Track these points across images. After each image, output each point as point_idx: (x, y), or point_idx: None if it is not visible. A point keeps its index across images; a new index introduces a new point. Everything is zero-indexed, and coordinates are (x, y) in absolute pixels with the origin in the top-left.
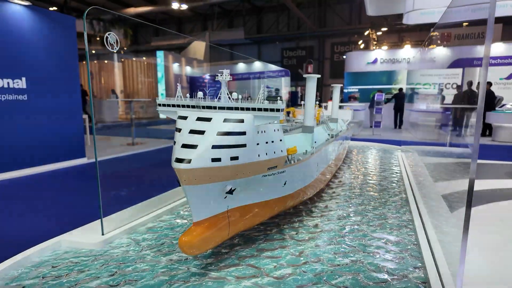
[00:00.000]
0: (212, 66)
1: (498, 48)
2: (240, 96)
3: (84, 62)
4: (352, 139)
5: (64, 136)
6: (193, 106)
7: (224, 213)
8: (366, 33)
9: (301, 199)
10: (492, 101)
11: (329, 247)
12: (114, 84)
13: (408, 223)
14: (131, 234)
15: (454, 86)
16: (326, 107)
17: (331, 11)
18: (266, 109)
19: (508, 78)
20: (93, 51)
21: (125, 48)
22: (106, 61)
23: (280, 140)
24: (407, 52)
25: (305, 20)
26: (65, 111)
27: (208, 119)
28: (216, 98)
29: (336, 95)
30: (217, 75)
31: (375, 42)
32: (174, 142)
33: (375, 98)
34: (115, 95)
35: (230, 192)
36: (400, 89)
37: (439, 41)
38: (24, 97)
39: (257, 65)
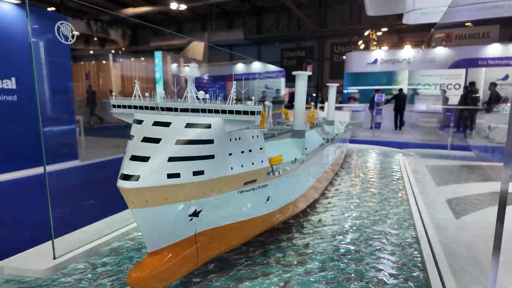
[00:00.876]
0: (211, 67)
1: (495, 49)
2: (207, 96)
3: (82, 63)
4: (352, 141)
5: (54, 138)
6: (151, 108)
7: (191, 238)
8: (366, 33)
9: (291, 213)
10: (498, 102)
11: (320, 275)
12: (112, 85)
13: (412, 241)
14: (90, 256)
15: (458, 87)
16: (323, 108)
17: (331, 11)
18: (239, 112)
19: (504, 79)
20: (91, 52)
21: (123, 49)
22: (104, 62)
23: (260, 149)
24: (408, 52)
25: (305, 20)
26: (55, 112)
27: (167, 124)
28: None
29: (332, 95)
30: (186, 67)
31: (375, 43)
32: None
33: (375, 99)
34: (114, 96)
35: (195, 214)
36: (401, 90)
37: (443, 42)
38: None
39: (256, 66)
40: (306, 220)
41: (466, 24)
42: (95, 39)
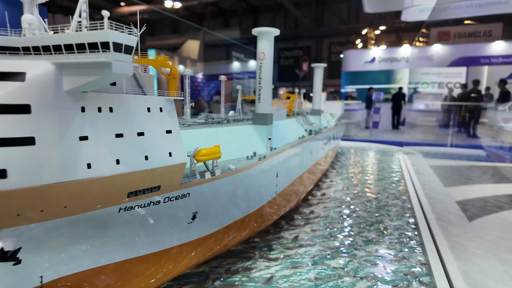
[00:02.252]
0: (206, 66)
1: (499, 47)
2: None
3: None
4: (348, 139)
5: None
6: None
7: None
8: (364, 32)
9: (241, 236)
10: (508, 100)
11: None
12: None
13: (422, 271)
14: None
15: (457, 85)
16: (310, 99)
17: (329, 10)
18: (80, 46)
19: (509, 77)
20: None
21: None
22: None
23: (168, 133)
24: (406, 50)
25: (302, 19)
26: None
27: None
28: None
29: (319, 77)
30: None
31: (373, 42)
32: None
33: (373, 98)
34: None
35: (7, 257)
36: (400, 88)
37: (439, 40)
38: None
39: (250, 65)
40: (268, 246)
41: (466, 22)
42: None
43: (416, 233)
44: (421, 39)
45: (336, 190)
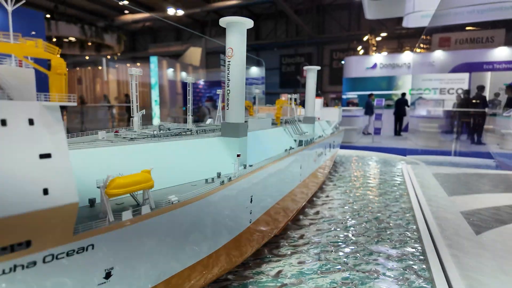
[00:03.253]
0: (208, 72)
1: (503, 52)
2: None
3: (78, 69)
4: (349, 147)
5: None
6: None
7: None
8: (365, 38)
9: (205, 279)
10: None
11: None
12: (107, 90)
13: None
14: None
15: (460, 91)
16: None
17: (330, 17)
18: None
19: None
20: (87, 57)
21: (118, 54)
22: (100, 67)
23: (45, 158)
24: (408, 57)
25: (303, 26)
26: None
27: None
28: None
29: (312, 81)
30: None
31: (374, 48)
32: None
33: (375, 103)
34: (107, 101)
35: None
36: (403, 94)
37: (440, 46)
38: None
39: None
40: (255, 274)
41: (467, 28)
42: (89, 44)
43: (424, 266)
44: (421, 45)
45: (331, 208)
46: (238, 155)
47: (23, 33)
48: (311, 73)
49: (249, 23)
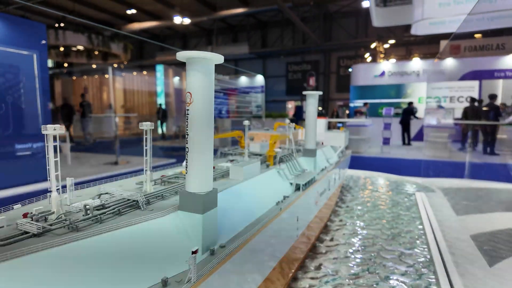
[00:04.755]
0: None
1: None
2: None
3: (74, 78)
4: (357, 165)
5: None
6: None
7: None
8: (372, 46)
9: None
10: None
11: None
12: (114, 99)
13: None
14: None
15: (469, 99)
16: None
17: (337, 25)
18: None
19: None
20: (94, 66)
21: (125, 62)
22: (106, 76)
23: None
24: (416, 64)
25: (310, 34)
26: (28, 128)
27: None
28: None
29: (312, 108)
30: None
31: (382, 55)
32: None
33: (384, 113)
34: (112, 110)
35: None
36: (410, 103)
37: (454, 53)
38: None
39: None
40: None
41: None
42: (96, 53)
43: None
44: (432, 52)
45: (336, 260)
46: (193, 252)
47: (23, 45)
48: (311, 99)
49: (217, 58)
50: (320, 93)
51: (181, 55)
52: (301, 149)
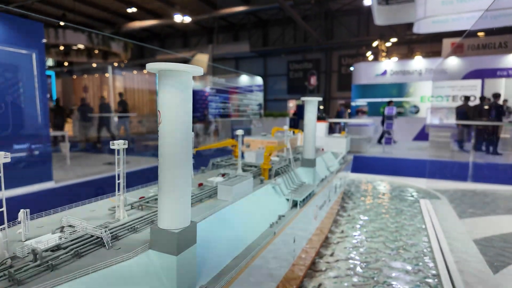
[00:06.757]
0: (215, 79)
1: None
2: None
3: (74, 77)
4: (359, 167)
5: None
6: None
7: None
8: (374, 44)
9: None
10: None
11: None
12: (113, 98)
13: None
14: None
15: (473, 98)
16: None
17: (338, 23)
18: None
19: None
20: (94, 65)
21: (125, 61)
22: (106, 75)
23: None
24: (419, 63)
25: (311, 32)
26: (27, 128)
27: None
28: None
29: (311, 116)
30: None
31: (384, 54)
32: None
33: (386, 112)
34: (110, 110)
35: None
36: (389, 102)
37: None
38: None
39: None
40: None
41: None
42: (96, 51)
43: None
44: (433, 50)
45: (338, 278)
46: None
47: (19, 44)
48: (310, 106)
49: (195, 70)
50: (320, 99)
51: (151, 66)
52: (299, 157)
